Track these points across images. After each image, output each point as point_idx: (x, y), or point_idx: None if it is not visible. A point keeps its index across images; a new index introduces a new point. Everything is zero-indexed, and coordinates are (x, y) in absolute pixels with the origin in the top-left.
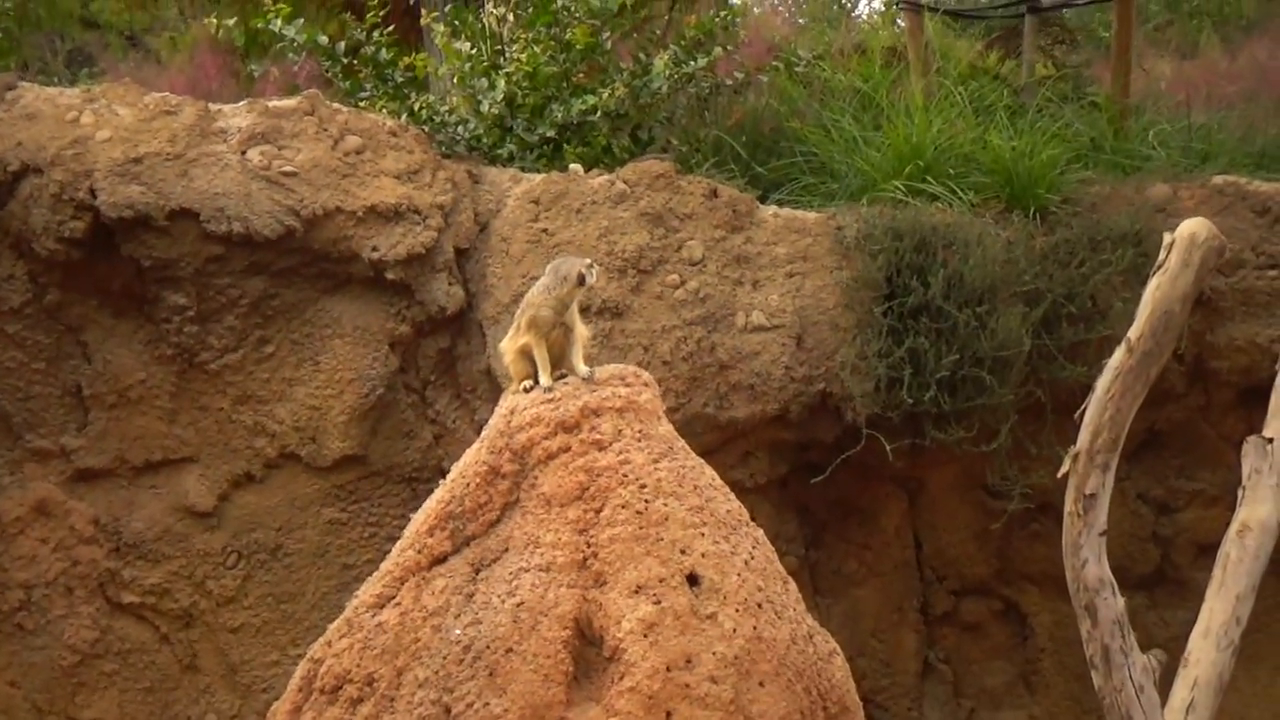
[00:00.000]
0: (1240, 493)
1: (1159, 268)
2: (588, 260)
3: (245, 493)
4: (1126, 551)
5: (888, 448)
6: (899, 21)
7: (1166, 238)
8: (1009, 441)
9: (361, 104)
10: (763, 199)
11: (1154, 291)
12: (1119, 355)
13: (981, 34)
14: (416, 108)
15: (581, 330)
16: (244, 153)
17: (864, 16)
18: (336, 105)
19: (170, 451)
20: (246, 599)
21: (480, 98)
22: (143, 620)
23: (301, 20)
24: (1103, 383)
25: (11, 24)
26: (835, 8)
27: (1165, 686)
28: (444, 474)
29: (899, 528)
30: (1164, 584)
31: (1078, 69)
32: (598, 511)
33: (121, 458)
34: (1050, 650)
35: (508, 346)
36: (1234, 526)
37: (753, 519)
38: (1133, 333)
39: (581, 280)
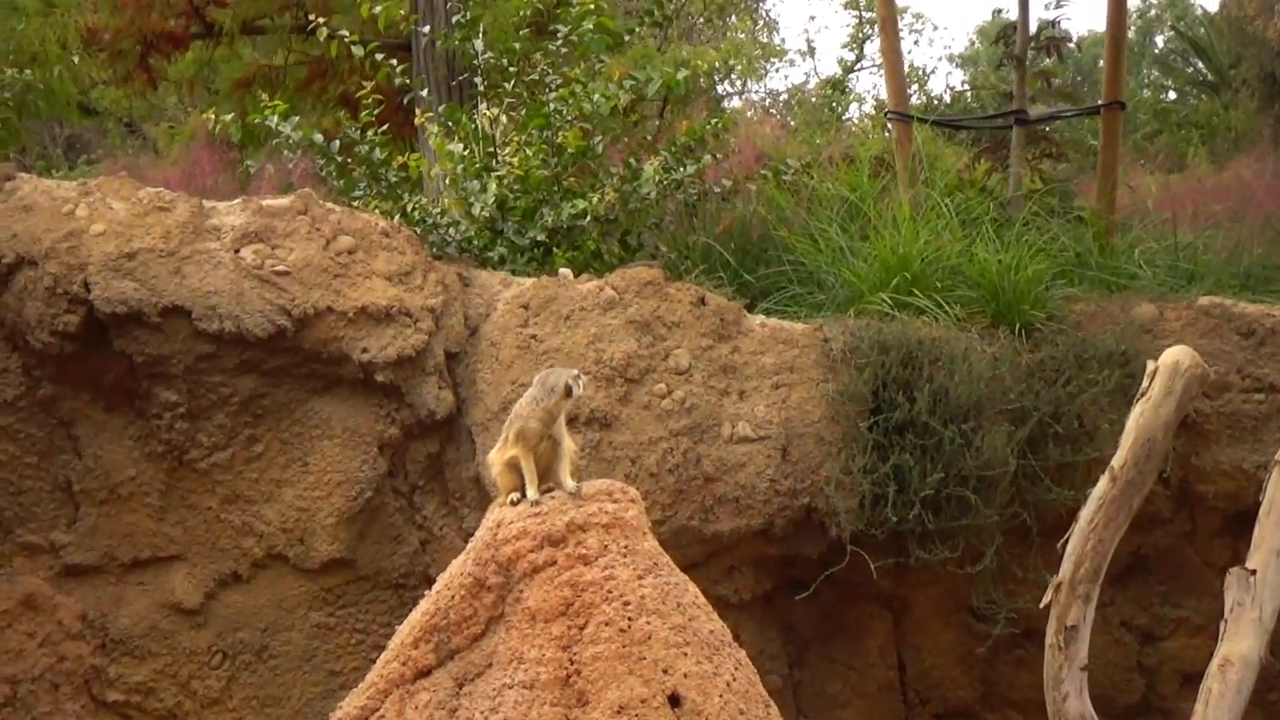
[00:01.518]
0: (1223, 625)
1: (1142, 395)
2: (575, 371)
3: (232, 592)
4: (1111, 681)
5: (872, 566)
6: (889, 129)
7: (1150, 365)
8: (994, 564)
9: (355, 203)
10: (750, 307)
11: (1137, 419)
12: (1103, 484)
13: (970, 142)
14: (409, 208)
15: (569, 443)
16: (237, 251)
17: (854, 121)
18: (329, 204)
19: (158, 549)
20: (231, 701)
21: (472, 200)
22: (127, 719)
23: (297, 118)
24: (1086, 512)
25: (10, 114)
26: (826, 112)
27: None
28: (430, 582)
29: (883, 648)
30: (1148, 714)
31: (1064, 182)
32: (581, 628)
33: (110, 554)
34: None
35: (495, 458)
36: (1216, 660)
37: (737, 636)
38: (1116, 461)
39: (569, 392)
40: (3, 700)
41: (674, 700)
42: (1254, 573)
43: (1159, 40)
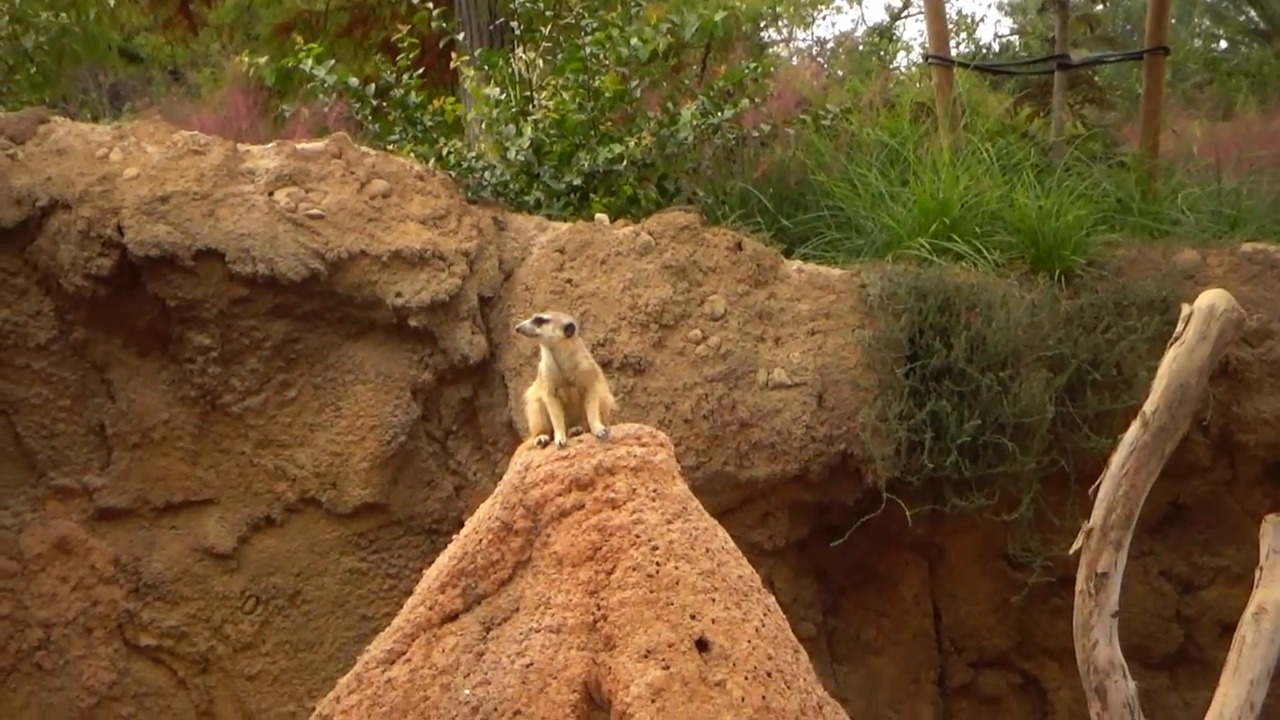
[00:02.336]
0: (1258, 573)
1: (1176, 339)
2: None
3: (265, 536)
4: (1149, 630)
5: (908, 513)
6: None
7: (1185, 309)
8: (1031, 512)
9: (390, 147)
10: (788, 252)
11: (1170, 364)
12: (1134, 430)
13: (1014, 88)
14: (444, 152)
15: (602, 388)
16: (271, 194)
17: (902, 69)
18: (364, 148)
19: (191, 493)
20: (264, 645)
21: (508, 144)
22: (160, 663)
23: (333, 61)
24: (1118, 458)
25: (47, 59)
26: (874, 59)
27: None
28: (463, 527)
29: (918, 596)
30: (1186, 664)
31: (1107, 128)
32: (609, 573)
33: (143, 498)
34: None
35: (530, 395)
36: (1250, 608)
37: (771, 582)
38: (1148, 406)
39: (567, 331)
40: (36, 644)
41: (701, 645)
42: None
43: None
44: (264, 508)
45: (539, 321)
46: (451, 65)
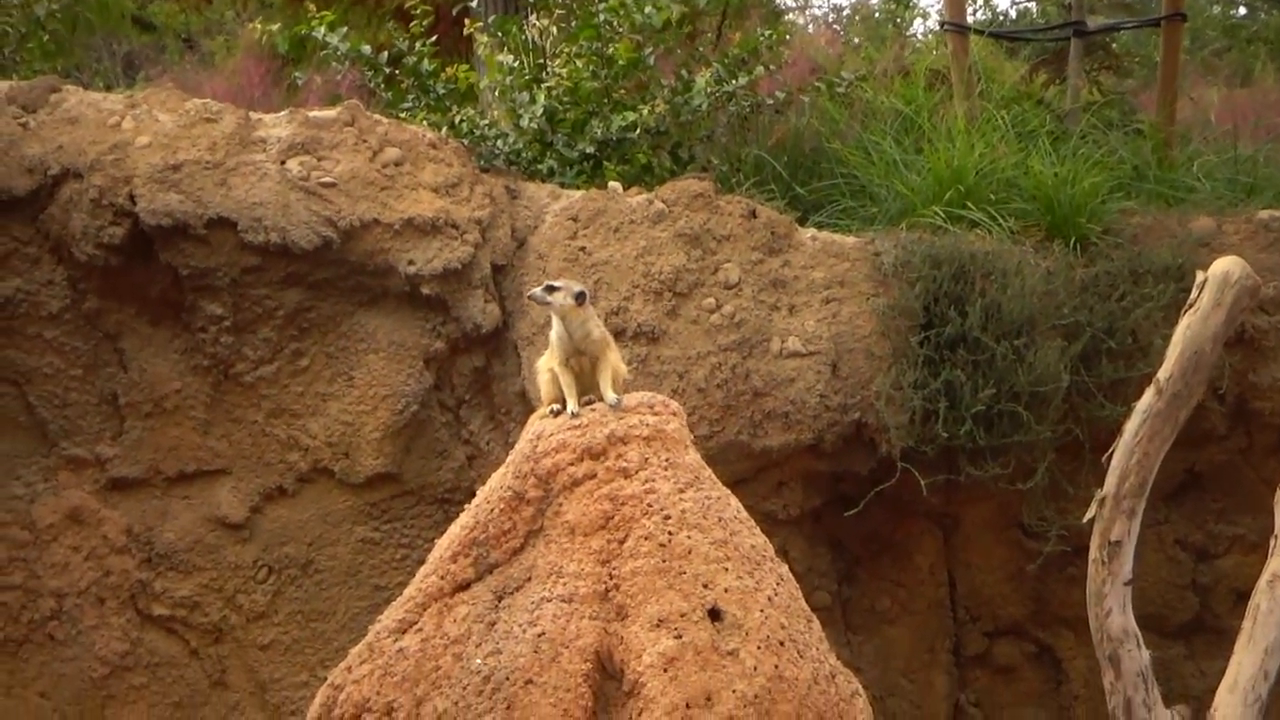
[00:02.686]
0: (1273, 541)
1: (1190, 307)
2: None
3: (277, 506)
4: (1164, 599)
5: (922, 482)
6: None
7: (1199, 276)
8: (1046, 480)
9: (403, 115)
10: (802, 220)
11: (1184, 331)
12: (1148, 397)
13: (1029, 56)
14: (457, 120)
15: (614, 357)
16: (283, 162)
17: (920, 35)
18: (377, 116)
19: (203, 463)
20: (277, 615)
21: (521, 112)
22: (173, 633)
23: (345, 29)
24: (1131, 426)
25: (60, 26)
26: (890, 26)
27: None
28: (475, 497)
29: (933, 565)
30: (1202, 633)
31: (1123, 95)
32: (621, 542)
33: (155, 468)
34: (1085, 697)
35: (543, 364)
36: (1265, 576)
37: (786, 552)
38: (1162, 374)
39: (578, 299)
40: (49, 613)
41: (714, 614)
42: None
43: None
44: (276, 477)
45: (550, 289)
46: (465, 32)
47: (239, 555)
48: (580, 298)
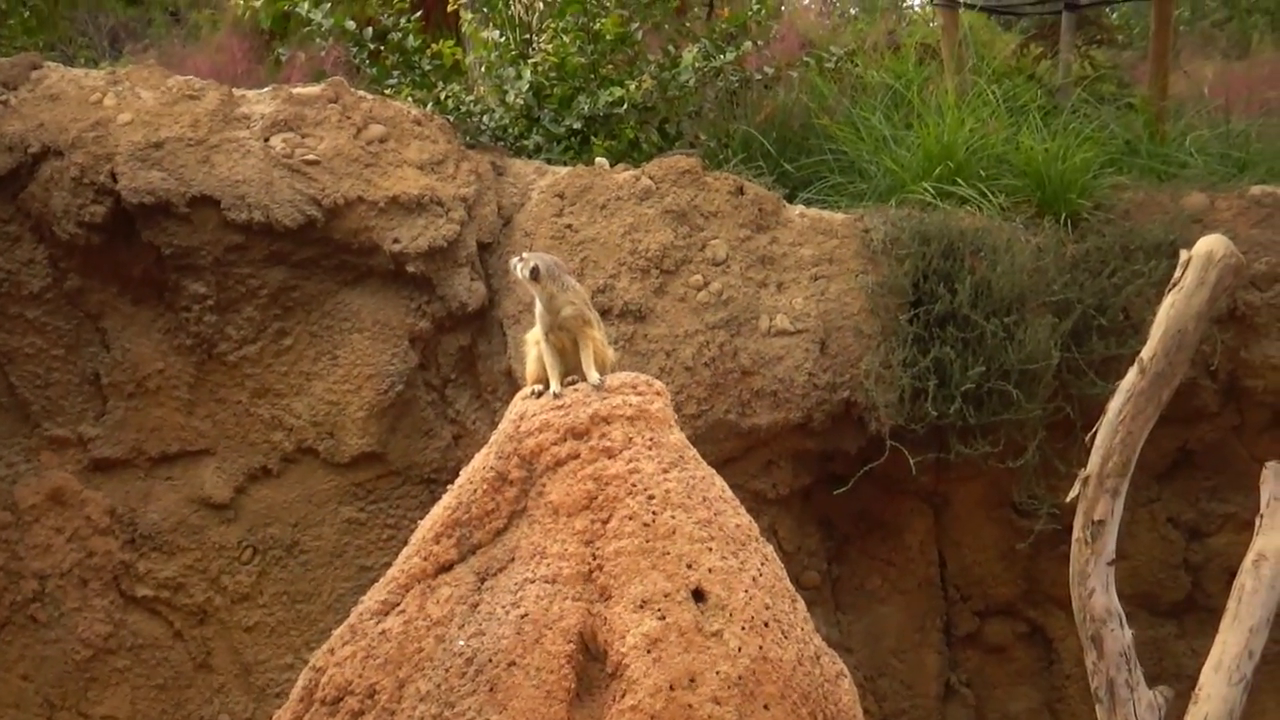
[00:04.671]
0: (1258, 520)
1: (1175, 285)
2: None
3: (262, 486)
4: (1156, 577)
5: (912, 461)
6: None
7: (1183, 254)
8: (1036, 459)
9: (388, 92)
10: (790, 197)
11: (1168, 310)
12: (1131, 376)
13: (1022, 30)
14: (443, 96)
15: (597, 334)
16: (266, 139)
17: (916, 7)
18: (361, 93)
19: (187, 443)
20: (261, 596)
21: (507, 87)
22: (156, 615)
23: (329, 4)
24: (1114, 404)
25: (42, 3)
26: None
27: None
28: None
29: (923, 544)
30: (1194, 612)
31: (1116, 69)
32: (605, 522)
33: (138, 448)
34: (1076, 676)
35: (530, 338)
36: (1250, 556)
37: (775, 531)
38: (1145, 353)
39: (532, 274)
40: (31, 595)
41: (698, 595)
42: None
43: None
44: (260, 458)
45: (521, 260)
46: (450, 8)
47: (223, 536)
48: (534, 273)
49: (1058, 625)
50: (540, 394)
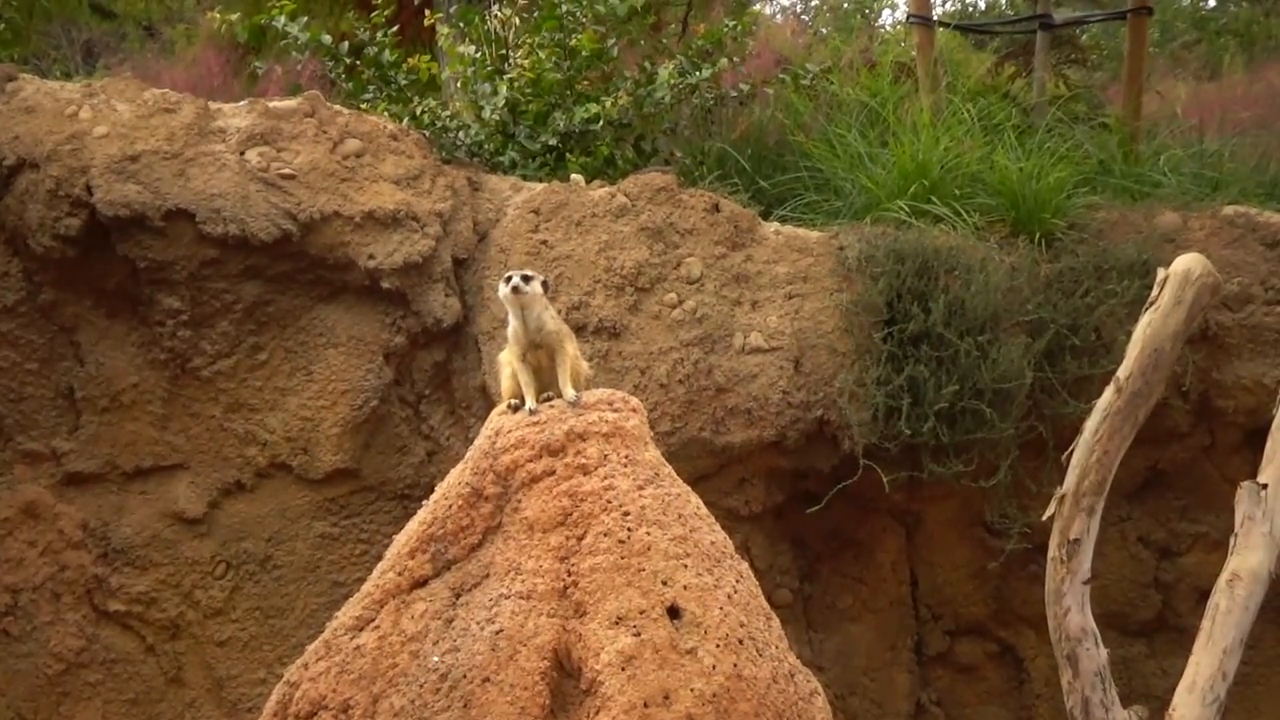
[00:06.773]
0: (1232, 540)
1: (1151, 304)
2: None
3: (235, 501)
4: (1127, 597)
5: (885, 480)
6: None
7: (1160, 274)
8: (1009, 478)
9: (364, 106)
10: (766, 214)
11: (1145, 329)
12: (1108, 395)
13: (997, 49)
14: (419, 112)
15: (572, 350)
16: (242, 153)
17: (888, 26)
18: (337, 107)
19: (161, 458)
20: (234, 611)
21: (483, 103)
22: (129, 629)
23: (306, 18)
24: (1091, 424)
25: (16, 15)
26: (859, 17)
27: None
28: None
29: (895, 563)
30: (1164, 631)
31: (1090, 89)
32: (580, 539)
33: (112, 462)
34: (1047, 696)
35: (504, 358)
36: (1224, 575)
37: (748, 549)
38: (1121, 372)
39: (510, 286)
40: (3, 609)
41: (673, 612)
42: (1265, 487)
43: None
44: (234, 473)
45: (526, 279)
46: (426, 23)
47: (196, 551)
48: (546, 285)
49: (1028, 645)
50: (516, 410)
